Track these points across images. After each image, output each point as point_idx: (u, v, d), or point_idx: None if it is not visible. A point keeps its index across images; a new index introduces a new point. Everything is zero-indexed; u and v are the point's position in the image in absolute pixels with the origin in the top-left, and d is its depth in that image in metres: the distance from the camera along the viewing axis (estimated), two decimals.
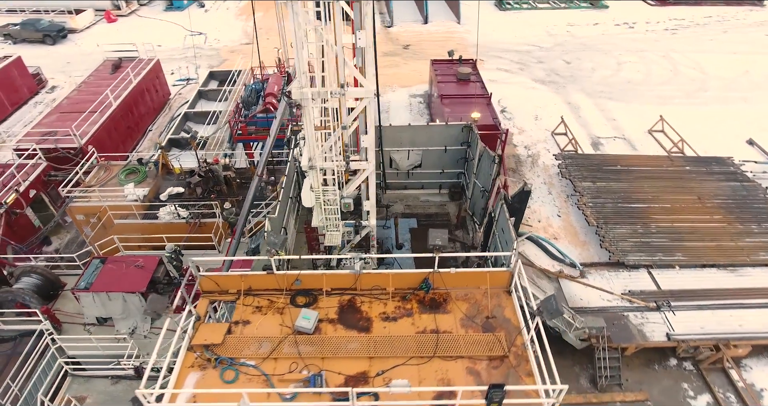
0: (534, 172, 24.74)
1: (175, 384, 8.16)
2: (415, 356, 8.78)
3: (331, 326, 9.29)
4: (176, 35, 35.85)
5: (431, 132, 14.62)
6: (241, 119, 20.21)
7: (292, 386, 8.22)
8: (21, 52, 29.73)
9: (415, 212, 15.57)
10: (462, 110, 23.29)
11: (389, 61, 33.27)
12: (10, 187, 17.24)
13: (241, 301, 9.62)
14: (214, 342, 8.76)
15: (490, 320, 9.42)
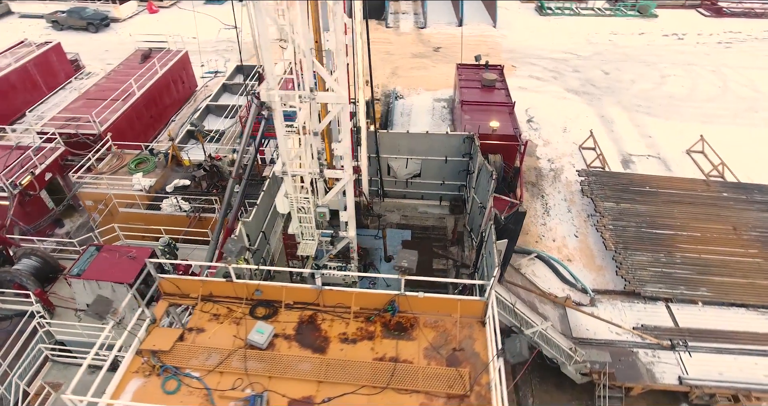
0: (555, 188, 23.47)
1: (116, 389, 7.93)
2: (368, 385, 8.18)
3: (285, 343, 8.83)
4: (212, 28, 36.48)
5: (431, 141, 13.90)
6: None
7: (231, 404, 7.82)
8: (64, 39, 31.05)
9: (411, 224, 14.90)
10: (481, 118, 22.34)
11: (418, 63, 32.57)
12: (26, 169, 17.80)
13: (200, 307, 9.31)
14: (162, 349, 8.48)
15: (456, 352, 8.68)
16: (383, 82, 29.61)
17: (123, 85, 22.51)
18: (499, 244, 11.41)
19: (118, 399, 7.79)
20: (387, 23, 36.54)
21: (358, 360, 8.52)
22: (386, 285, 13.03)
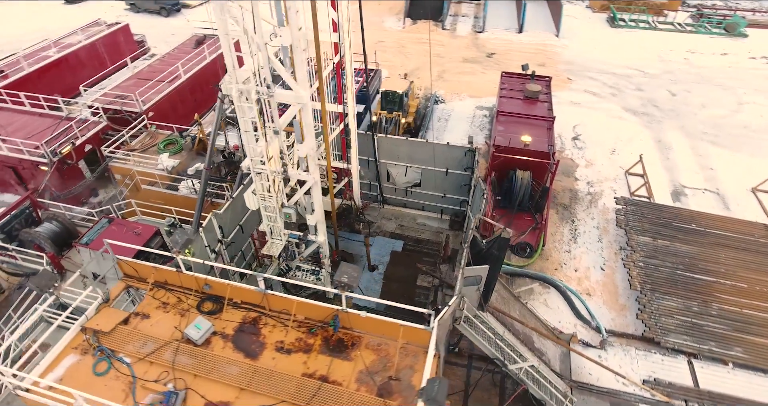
0: (588, 214, 21.73)
1: (50, 363, 8.18)
2: (288, 400, 7.81)
3: (221, 342, 8.68)
4: None
5: (432, 150, 13.18)
6: None
7: (149, 397, 7.78)
8: (137, 21, 33.28)
9: (406, 234, 14.27)
10: (516, 130, 21.16)
11: (467, 67, 31.50)
12: (68, 140, 19.17)
13: (152, 293, 9.40)
14: (104, 330, 8.63)
15: (392, 381, 8.08)
16: (427, 85, 28.90)
17: (171, 68, 23.63)
18: (476, 269, 10.55)
19: (50, 372, 8.02)
20: (444, 25, 35.66)
21: (286, 372, 8.18)
22: (362, 293, 12.56)
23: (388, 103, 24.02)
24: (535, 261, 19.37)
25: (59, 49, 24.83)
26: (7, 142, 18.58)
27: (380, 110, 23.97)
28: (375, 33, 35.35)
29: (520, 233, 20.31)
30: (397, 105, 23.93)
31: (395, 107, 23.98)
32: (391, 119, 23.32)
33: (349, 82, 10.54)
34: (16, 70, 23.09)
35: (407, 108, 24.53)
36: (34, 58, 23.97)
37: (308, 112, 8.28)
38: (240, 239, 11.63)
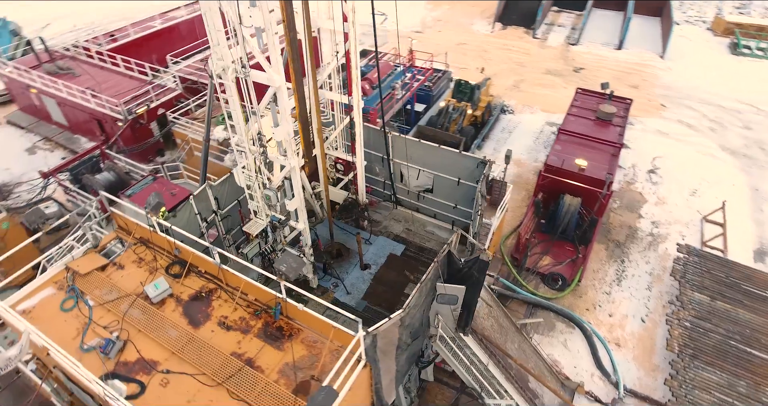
0: (644, 257, 19.43)
1: (30, 292, 9.15)
2: (207, 374, 7.95)
3: (173, 305, 9.07)
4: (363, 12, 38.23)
5: (443, 157, 12.47)
6: None
7: (95, 340, 8.37)
8: None
9: (410, 240, 13.73)
10: (574, 152, 19.48)
11: (548, 80, 29.57)
12: (143, 102, 21.26)
13: (134, 248, 10.09)
14: (80, 271, 9.45)
15: (312, 381, 7.87)
16: (499, 93, 27.64)
17: None
18: (451, 288, 9.86)
19: (27, 300, 8.99)
20: (535, 33, 33.74)
21: (217, 347, 8.33)
22: (347, 293, 12.39)
23: (459, 92, 23.92)
24: (565, 296, 17.75)
25: (163, 21, 27.52)
26: (96, 98, 21.05)
27: (451, 98, 23.95)
28: (459, 34, 34.54)
29: (556, 262, 18.75)
30: (468, 96, 23.71)
31: (465, 97, 23.78)
32: (458, 108, 23.11)
33: (355, 75, 10.35)
34: (124, 35, 26.03)
35: (477, 101, 24.08)
36: (140, 26, 26.83)
37: (283, 96, 8.28)
38: (237, 213, 12.03)
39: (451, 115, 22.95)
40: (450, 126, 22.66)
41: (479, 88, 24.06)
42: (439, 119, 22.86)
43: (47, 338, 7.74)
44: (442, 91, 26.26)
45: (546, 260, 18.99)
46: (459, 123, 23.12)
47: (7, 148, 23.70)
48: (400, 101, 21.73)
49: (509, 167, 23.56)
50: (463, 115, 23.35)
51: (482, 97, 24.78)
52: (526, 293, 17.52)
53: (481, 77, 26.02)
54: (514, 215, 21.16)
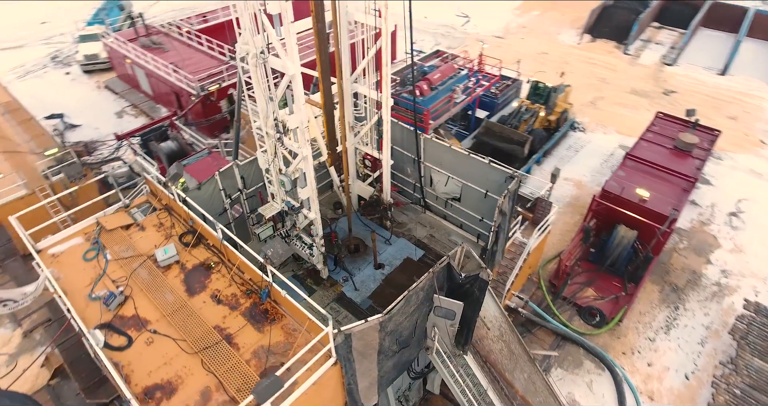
0: (704, 307, 17.41)
1: (64, 237, 10.13)
2: (187, 341, 8.29)
3: (176, 271, 9.56)
4: (447, 12, 37.74)
5: (471, 166, 11.84)
6: None
7: (103, 291, 9.06)
8: None
9: (431, 246, 13.28)
10: (639, 181, 17.84)
11: (631, 100, 27.29)
12: (216, 80, 22.66)
13: (158, 213, 10.77)
14: (107, 227, 10.26)
15: (280, 367, 7.89)
16: (574, 109, 25.98)
17: None
18: (448, 302, 9.41)
19: (58, 245, 9.95)
20: (627, 49, 31.20)
21: (203, 318, 8.65)
22: (355, 289, 12.32)
23: (534, 94, 23.42)
24: (601, 334, 16.36)
25: None
26: (177, 73, 22.80)
27: (526, 99, 23.52)
28: (542, 44, 32.90)
29: (598, 296, 17.32)
30: (543, 98, 23.15)
31: (540, 100, 23.22)
32: (531, 110, 22.66)
33: (385, 72, 10.17)
34: (214, 17, 27.92)
35: (553, 106, 23.38)
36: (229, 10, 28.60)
37: (297, 84, 8.34)
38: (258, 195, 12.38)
39: (522, 116, 22.43)
40: (520, 125, 22.05)
41: (556, 91, 23.13)
42: (510, 118, 22.40)
43: (56, 284, 8.52)
44: (510, 99, 25.22)
45: (587, 292, 17.60)
46: (530, 124, 22.42)
47: (100, 110, 26.47)
48: (458, 106, 21.16)
49: (569, 188, 22.17)
50: (535, 116, 22.71)
51: (559, 103, 23.78)
52: (557, 324, 16.35)
53: (559, 81, 24.70)
54: (562, 239, 19.85)
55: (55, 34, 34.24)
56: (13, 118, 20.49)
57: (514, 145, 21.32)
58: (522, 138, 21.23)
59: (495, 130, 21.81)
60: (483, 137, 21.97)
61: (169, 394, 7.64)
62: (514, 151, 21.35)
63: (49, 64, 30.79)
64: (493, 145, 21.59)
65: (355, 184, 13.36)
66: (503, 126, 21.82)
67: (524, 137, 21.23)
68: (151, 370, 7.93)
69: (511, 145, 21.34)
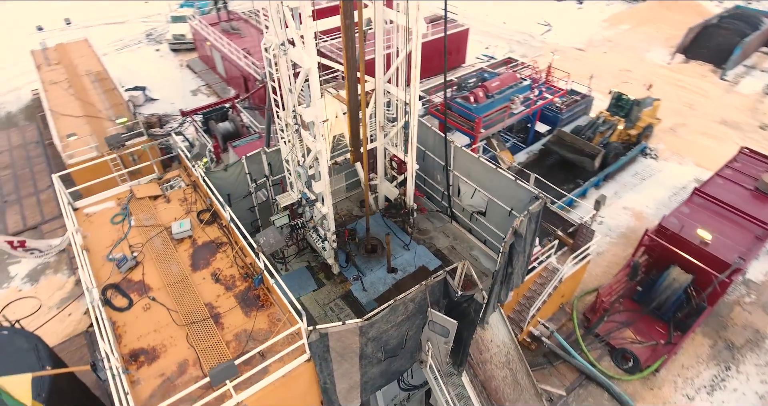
0: (761, 372, 15.46)
1: (98, 200, 11.02)
2: (178, 313, 8.64)
3: (187, 246, 10.00)
4: (528, 19, 36.24)
5: (498, 181, 11.14)
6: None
7: (119, 254, 9.70)
8: None
9: (450, 258, 12.73)
10: (704, 220, 16.08)
11: (719, 131, 24.60)
12: None
13: (185, 188, 11.34)
14: (137, 195, 10.98)
15: (258, 355, 7.99)
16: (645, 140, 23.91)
17: None
18: (442, 318, 9.00)
19: (94, 206, 10.82)
20: (725, 74, 28.10)
21: (198, 294, 8.98)
22: (363, 289, 12.19)
23: (615, 105, 22.19)
24: (632, 381, 15.02)
25: None
26: (247, 58, 23.93)
27: (605, 111, 22.47)
28: (627, 60, 30.54)
29: (636, 339, 15.86)
30: (625, 111, 21.86)
31: (621, 112, 21.96)
32: (609, 122, 21.58)
33: (414, 74, 9.86)
34: None
35: (636, 119, 21.98)
36: None
37: (314, 78, 8.31)
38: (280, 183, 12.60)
39: (599, 128, 21.32)
40: (594, 137, 21.02)
41: (639, 104, 21.60)
42: (585, 129, 21.42)
43: (80, 240, 9.25)
44: (577, 116, 23.71)
45: (624, 333, 16.21)
46: (606, 137, 21.28)
47: (179, 86, 28.51)
48: (515, 117, 20.23)
49: (626, 219, 20.45)
50: (613, 129, 21.51)
51: (643, 117, 22.23)
52: (583, 361, 15.19)
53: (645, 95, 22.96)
54: (608, 272, 18.46)
55: (153, 14, 37.39)
56: (101, 87, 22.62)
57: (585, 158, 20.41)
58: (594, 150, 20.21)
59: (566, 140, 20.96)
60: (552, 146, 21.23)
61: (151, 360, 8.01)
62: (584, 163, 20.44)
63: (144, 41, 33.68)
64: (561, 155, 20.86)
65: (383, 184, 13.22)
66: (575, 136, 20.90)
67: (596, 150, 20.21)
68: (141, 334, 8.37)
69: (581, 157, 20.44)
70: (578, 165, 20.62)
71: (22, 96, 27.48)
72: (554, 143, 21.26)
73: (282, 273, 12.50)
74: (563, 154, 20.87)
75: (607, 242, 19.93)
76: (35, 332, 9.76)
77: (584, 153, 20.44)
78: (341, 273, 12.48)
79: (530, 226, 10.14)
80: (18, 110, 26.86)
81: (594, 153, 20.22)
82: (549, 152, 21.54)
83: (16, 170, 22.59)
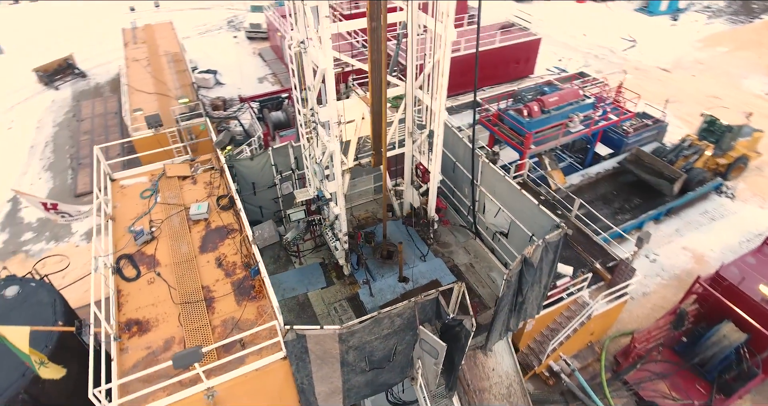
0: None
1: (132, 175, 11.76)
2: (176, 291, 8.99)
3: (201, 228, 10.38)
4: (611, 33, 33.93)
5: (521, 202, 10.36)
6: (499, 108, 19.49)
7: (140, 227, 10.28)
8: None
9: (466, 276, 12.09)
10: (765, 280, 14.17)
11: None
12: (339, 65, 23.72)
13: (212, 172, 11.77)
14: (167, 173, 11.56)
15: (238, 344, 8.11)
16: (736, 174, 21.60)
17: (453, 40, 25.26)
18: (432, 338, 8.59)
19: (130, 179, 11.56)
20: None
21: (199, 275, 9.28)
22: (370, 295, 12.00)
23: (706, 130, 20.67)
24: None
25: None
26: None
27: (694, 135, 20.98)
28: (718, 86, 27.62)
29: (670, 394, 14.39)
30: (716, 137, 20.29)
31: (712, 138, 20.40)
32: (696, 147, 20.23)
33: (440, 83, 9.44)
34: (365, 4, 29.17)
35: (728, 148, 20.32)
36: None
37: (329, 79, 8.21)
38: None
39: (683, 151, 19.98)
40: (677, 161, 19.75)
41: (732, 131, 19.87)
42: (668, 152, 20.20)
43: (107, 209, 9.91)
44: (646, 141, 21.84)
45: (657, 385, 14.77)
46: (690, 162, 19.79)
47: (247, 73, 29.84)
48: (571, 135, 19.01)
49: (685, 260, 18.59)
50: (699, 154, 19.97)
51: (737, 147, 20.42)
52: None
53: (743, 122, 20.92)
54: (652, 314, 16.98)
55: (237, 1, 39.44)
56: (174, 67, 24.20)
57: (663, 181, 19.13)
58: (674, 174, 18.86)
59: (644, 161, 19.72)
60: (629, 165, 20.06)
61: (142, 332, 8.40)
62: (661, 186, 19.18)
63: (224, 27, 35.63)
64: (638, 175, 19.68)
65: (409, 190, 12.94)
66: (656, 158, 19.57)
67: (677, 174, 18.85)
68: (140, 306, 8.80)
69: (659, 180, 19.15)
70: (656, 187, 19.24)
71: (111, 70, 30.10)
72: (631, 162, 19.99)
73: (295, 266, 12.64)
74: (639, 174, 19.58)
75: (656, 282, 18.21)
76: (63, 289, 10.59)
77: (663, 176, 19.09)
78: (352, 275, 12.38)
79: (546, 256, 9.41)
80: (105, 82, 29.49)
81: (674, 177, 18.76)
82: (625, 172, 20.21)
83: (94, 136, 24.79)
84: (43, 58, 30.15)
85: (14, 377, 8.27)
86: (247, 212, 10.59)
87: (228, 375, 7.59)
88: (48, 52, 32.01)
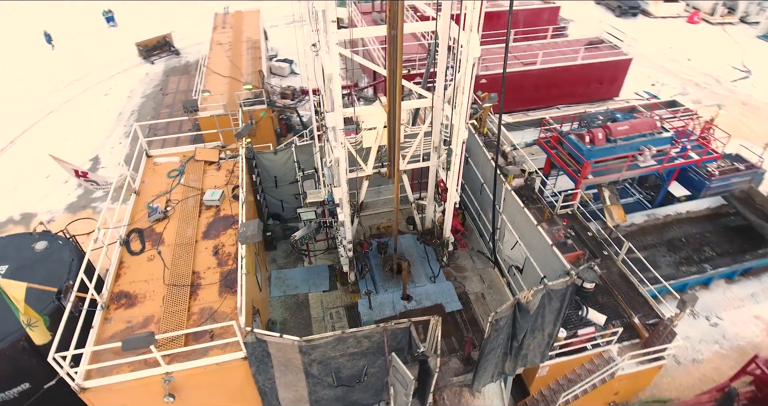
0: None
1: (163, 155, 12.37)
2: (168, 269, 9.26)
3: (210, 214, 10.67)
4: (722, 60, 30.09)
5: (537, 240, 9.31)
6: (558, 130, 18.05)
7: (156, 205, 10.80)
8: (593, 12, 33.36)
9: (473, 306, 11.18)
10: None
11: None
12: (406, 67, 23.39)
13: (235, 161, 12.06)
14: (196, 157, 12.03)
15: (208, 335, 8.19)
16: None
17: (532, 53, 23.85)
18: (402, 368, 8.05)
19: (158, 158, 12.21)
20: None
21: (195, 261, 9.52)
22: (369, 307, 11.62)
23: None
24: None
25: None
26: (381, 51, 24.41)
27: None
28: None
29: None
30: None
31: None
32: None
33: (461, 100, 8.72)
34: None
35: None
36: None
37: (336, 84, 7.89)
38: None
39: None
40: None
41: None
42: None
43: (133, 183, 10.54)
44: (733, 186, 19.07)
45: None
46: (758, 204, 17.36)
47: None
48: (638, 170, 17.07)
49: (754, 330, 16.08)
50: None
51: None
52: None
53: None
54: (699, 385, 14.95)
55: None
56: (250, 54, 25.36)
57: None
58: None
59: (755, 200, 17.66)
60: (735, 202, 18.09)
61: (128, 305, 8.78)
62: (766, 230, 17.11)
63: None
64: (743, 215, 17.74)
65: (431, 206, 12.36)
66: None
67: None
68: (134, 280, 9.22)
69: (765, 223, 17.09)
70: (760, 231, 17.14)
71: (201, 50, 32.26)
72: (739, 200, 17.87)
73: (304, 264, 12.63)
74: (745, 214, 17.53)
75: (713, 349, 15.90)
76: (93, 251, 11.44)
77: None
78: (356, 283, 12.11)
79: (550, 303, 8.42)
80: (194, 61, 31.70)
81: None
82: (728, 208, 18.25)
83: (173, 111, 26.78)
84: (147, 34, 33.11)
85: (18, 325, 9.00)
86: (269, 205, 10.74)
87: (187, 364, 7.68)
88: (154, 28, 35.10)
